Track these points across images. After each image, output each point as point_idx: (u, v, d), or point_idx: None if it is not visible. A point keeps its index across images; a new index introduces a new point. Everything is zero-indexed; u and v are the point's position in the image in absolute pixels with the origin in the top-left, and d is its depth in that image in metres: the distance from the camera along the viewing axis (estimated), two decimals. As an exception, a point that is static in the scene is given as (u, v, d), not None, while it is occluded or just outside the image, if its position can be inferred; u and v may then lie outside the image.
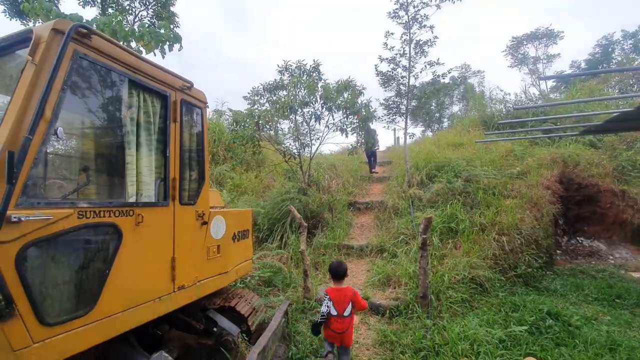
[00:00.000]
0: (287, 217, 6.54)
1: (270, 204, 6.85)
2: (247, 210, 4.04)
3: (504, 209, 6.28)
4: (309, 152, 7.02)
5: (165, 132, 2.60)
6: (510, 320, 3.98)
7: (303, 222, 4.56)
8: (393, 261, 5.28)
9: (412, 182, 8.03)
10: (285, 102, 5.67)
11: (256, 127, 6.15)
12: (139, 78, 2.37)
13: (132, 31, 8.09)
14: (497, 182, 7.29)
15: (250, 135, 6.14)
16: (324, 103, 5.71)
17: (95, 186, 2.33)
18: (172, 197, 2.59)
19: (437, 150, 9.67)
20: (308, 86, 5.77)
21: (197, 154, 2.99)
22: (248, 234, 3.98)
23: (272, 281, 4.93)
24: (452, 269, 4.69)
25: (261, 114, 6.36)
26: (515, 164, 8.59)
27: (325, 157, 12.18)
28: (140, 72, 2.38)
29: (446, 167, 7.90)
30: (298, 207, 6.56)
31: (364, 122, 5.99)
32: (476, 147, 9.87)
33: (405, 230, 6.07)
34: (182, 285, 2.66)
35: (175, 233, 2.60)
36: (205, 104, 3.09)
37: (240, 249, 3.74)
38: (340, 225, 7.03)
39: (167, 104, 2.62)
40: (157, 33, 8.34)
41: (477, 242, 5.44)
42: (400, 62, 7.99)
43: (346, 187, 9.48)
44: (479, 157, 8.79)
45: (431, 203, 6.79)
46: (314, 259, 5.71)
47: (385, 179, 10.11)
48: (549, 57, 19.73)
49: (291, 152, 6.89)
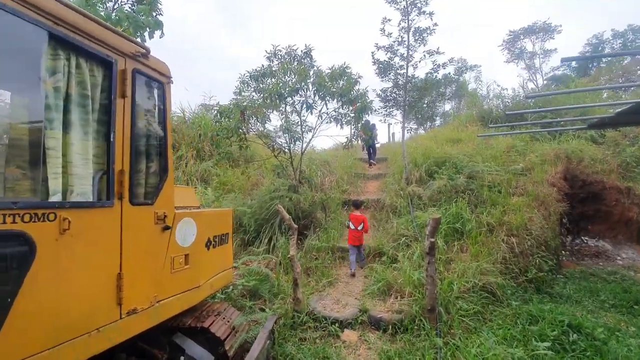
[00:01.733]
0: (276, 218, 5.94)
1: (257, 203, 6.25)
2: (226, 211, 3.44)
3: (511, 208, 5.81)
4: (300, 147, 6.44)
5: (109, 110, 1.98)
6: (529, 335, 3.48)
7: (293, 224, 3.98)
8: (393, 267, 4.74)
9: (410, 179, 7.52)
10: (273, 89, 5.07)
11: (241, 118, 5.53)
12: (67, 34, 1.75)
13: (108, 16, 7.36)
14: (501, 179, 6.83)
15: (235, 127, 5.52)
16: (317, 90, 5.12)
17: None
18: (118, 194, 1.98)
19: (436, 146, 9.19)
20: (299, 73, 5.19)
21: (156, 140, 2.38)
22: (227, 239, 3.38)
23: (258, 291, 4.34)
24: (460, 276, 4.18)
25: (247, 103, 5.75)
26: (517, 160, 8.15)
27: (318, 153, 11.60)
28: (69, 26, 1.76)
29: (447, 163, 7.41)
30: (288, 206, 5.98)
31: (360, 113, 5.44)
32: (476, 143, 9.43)
33: (406, 232, 5.55)
34: (133, 309, 2.06)
35: (123, 242, 2.00)
36: (169, 78, 2.48)
37: (218, 256, 3.14)
38: (334, 225, 6.48)
39: (112, 73, 2.01)
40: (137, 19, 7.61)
41: (485, 244, 4.95)
42: (397, 51, 7.45)
43: (340, 184, 8.93)
44: (480, 152, 8.34)
45: (433, 201, 6.27)
46: (305, 264, 5.14)
47: (381, 176, 9.59)
48: (545, 52, 19.48)
49: (281, 146, 6.29)
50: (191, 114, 11.05)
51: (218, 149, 6.30)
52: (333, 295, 4.43)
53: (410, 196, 6.76)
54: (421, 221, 5.56)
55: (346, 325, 3.69)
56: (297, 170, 6.42)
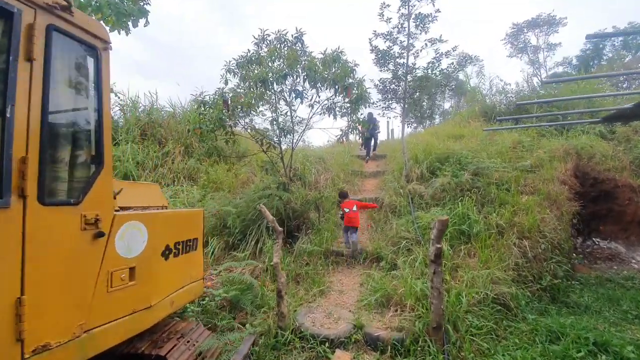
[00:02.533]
0: (264, 218, 5.42)
1: (244, 202, 5.72)
2: (195, 212, 2.90)
3: (522, 208, 5.30)
4: (291, 141, 5.90)
5: (5, 76, 1.45)
6: (551, 357, 2.97)
7: (277, 227, 3.45)
8: (393, 274, 4.22)
9: (411, 176, 7.01)
10: (258, 75, 4.53)
11: (225, 108, 5.00)
12: None
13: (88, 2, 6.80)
14: (508, 176, 6.32)
15: (218, 119, 4.98)
16: (307, 76, 4.58)
17: None
18: (17, 190, 1.45)
19: (437, 142, 8.67)
20: (288, 57, 4.65)
21: (86, 122, 1.85)
22: (197, 244, 2.85)
23: (239, 302, 3.81)
24: (470, 286, 3.66)
25: (231, 93, 5.22)
26: (525, 156, 7.64)
27: (313, 150, 11.07)
28: None
29: (450, 159, 6.89)
30: (277, 206, 5.46)
31: (356, 103, 4.92)
32: (479, 139, 8.93)
33: (406, 234, 5.03)
34: (43, 345, 1.53)
35: (27, 255, 1.47)
36: (106, 43, 1.94)
37: (181, 267, 2.61)
38: (328, 226, 5.95)
39: (12, 27, 1.48)
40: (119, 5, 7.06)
41: (495, 248, 4.43)
42: (397, 39, 6.92)
43: (336, 182, 8.41)
44: (484, 149, 7.83)
45: (435, 201, 5.75)
46: (294, 271, 4.61)
47: (380, 173, 9.08)
48: (549, 46, 18.93)
49: (270, 140, 5.76)
50: (181, 109, 10.52)
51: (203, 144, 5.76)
52: (324, 306, 3.91)
53: (410, 195, 6.25)
54: (423, 223, 5.05)
55: (338, 345, 3.17)
56: (288, 166, 5.89)
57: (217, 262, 4.98)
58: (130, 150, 7.95)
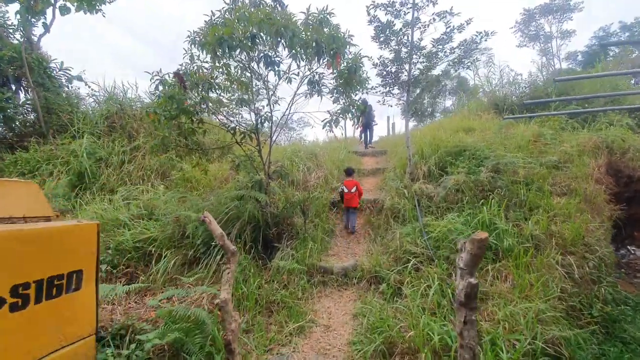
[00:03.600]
0: (235, 225, 4.32)
1: (211, 206, 4.62)
2: (81, 228, 1.79)
3: (558, 213, 4.21)
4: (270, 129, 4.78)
5: None
6: None
7: (228, 245, 2.34)
8: (397, 304, 3.12)
9: (416, 173, 5.91)
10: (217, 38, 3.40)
11: (180, 84, 3.88)
12: None
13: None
14: (535, 174, 5.23)
15: (169, 96, 3.86)
16: (282, 37, 3.43)
17: None
18: None
19: (446, 135, 7.57)
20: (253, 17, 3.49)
21: None
22: (81, 281, 1.75)
23: (182, 348, 2.71)
24: (508, 328, 2.56)
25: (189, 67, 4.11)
26: (548, 151, 6.55)
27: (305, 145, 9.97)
28: None
29: (464, 153, 5.79)
30: (251, 211, 4.35)
31: (348, 78, 3.80)
32: (492, 132, 7.85)
33: (413, 247, 3.92)
34: None
35: None
36: None
37: (41, 323, 1.51)
38: (316, 234, 4.86)
39: None
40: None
41: (533, 267, 3.33)
42: (400, 12, 5.81)
43: (329, 181, 7.31)
44: (501, 142, 6.74)
45: (449, 203, 4.64)
46: (267, 297, 3.50)
47: (379, 171, 7.98)
48: (563, 34, 17.80)
49: (245, 129, 4.65)
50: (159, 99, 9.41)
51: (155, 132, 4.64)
52: (303, 353, 2.80)
53: (416, 196, 5.15)
54: (435, 233, 3.93)
55: None
56: (267, 161, 4.78)
57: (170, 282, 3.88)
58: (88, 144, 6.84)
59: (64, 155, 6.95)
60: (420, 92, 7.75)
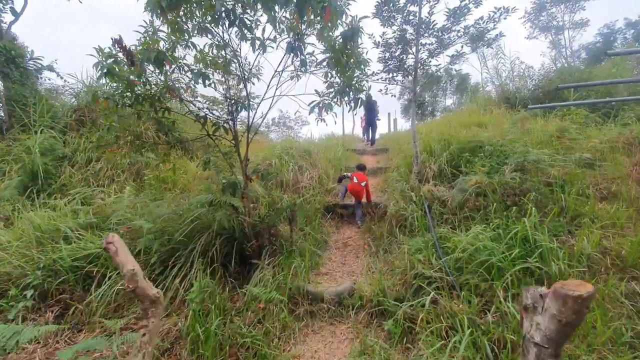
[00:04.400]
0: (199, 240, 3.44)
1: (174, 214, 3.74)
2: None
3: (607, 224, 3.33)
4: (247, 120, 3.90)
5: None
6: None
7: (146, 290, 1.47)
8: (408, 351, 2.24)
9: (424, 173, 5.03)
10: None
11: (127, 59, 3.01)
12: None
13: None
14: (568, 174, 4.37)
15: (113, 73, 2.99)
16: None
17: None
18: None
19: (456, 130, 6.69)
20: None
21: None
22: None
23: None
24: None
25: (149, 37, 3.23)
26: (575, 147, 5.69)
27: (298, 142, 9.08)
28: None
29: (479, 149, 4.92)
30: (220, 221, 3.47)
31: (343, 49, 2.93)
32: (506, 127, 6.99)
33: (426, 269, 3.03)
34: None
35: None
36: None
37: None
38: (305, 247, 3.97)
39: None
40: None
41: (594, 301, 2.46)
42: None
43: (324, 182, 6.44)
44: (519, 138, 5.87)
45: (468, 210, 3.76)
46: (234, 337, 2.62)
47: (381, 170, 7.11)
48: (575, 25, 16.94)
49: (217, 117, 3.77)
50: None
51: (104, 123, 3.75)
52: None
53: (426, 201, 4.27)
54: (458, 253, 3.04)
55: None
56: (245, 159, 3.90)
57: (115, 313, 3.00)
58: (43, 140, 5.94)
59: (19, 152, 6.08)
60: (421, 90, 6.89)
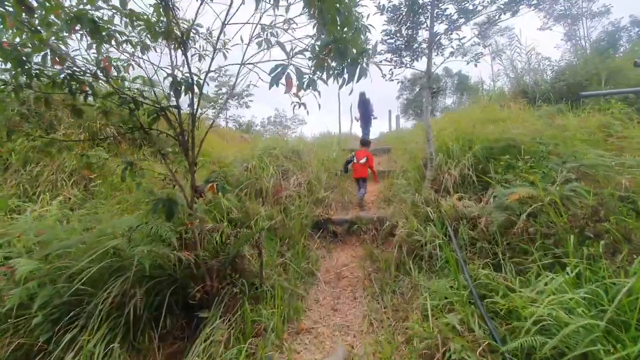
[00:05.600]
0: (111, 289, 2.25)
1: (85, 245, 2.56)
2: None
3: None
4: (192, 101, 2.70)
5: None
6: None
7: None
8: None
9: (442, 181, 3.86)
10: None
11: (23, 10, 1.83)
12: None
13: None
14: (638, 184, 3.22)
15: None
16: None
17: None
18: None
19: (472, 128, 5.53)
20: None
21: None
22: None
23: None
24: None
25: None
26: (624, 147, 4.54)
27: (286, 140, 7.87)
28: None
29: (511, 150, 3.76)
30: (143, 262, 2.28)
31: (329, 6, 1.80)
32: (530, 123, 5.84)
33: (464, 343, 1.86)
34: None
35: None
36: None
37: None
38: (281, 285, 2.79)
39: None
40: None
41: None
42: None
43: (315, 189, 5.24)
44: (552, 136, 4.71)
45: (519, 239, 2.58)
46: None
47: (383, 174, 5.93)
48: (592, 15, 15.86)
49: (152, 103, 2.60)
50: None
51: None
52: None
53: (449, 221, 3.10)
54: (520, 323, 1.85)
55: None
56: (193, 163, 2.72)
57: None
58: (-45, 136, 4.73)
59: None
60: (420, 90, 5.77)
